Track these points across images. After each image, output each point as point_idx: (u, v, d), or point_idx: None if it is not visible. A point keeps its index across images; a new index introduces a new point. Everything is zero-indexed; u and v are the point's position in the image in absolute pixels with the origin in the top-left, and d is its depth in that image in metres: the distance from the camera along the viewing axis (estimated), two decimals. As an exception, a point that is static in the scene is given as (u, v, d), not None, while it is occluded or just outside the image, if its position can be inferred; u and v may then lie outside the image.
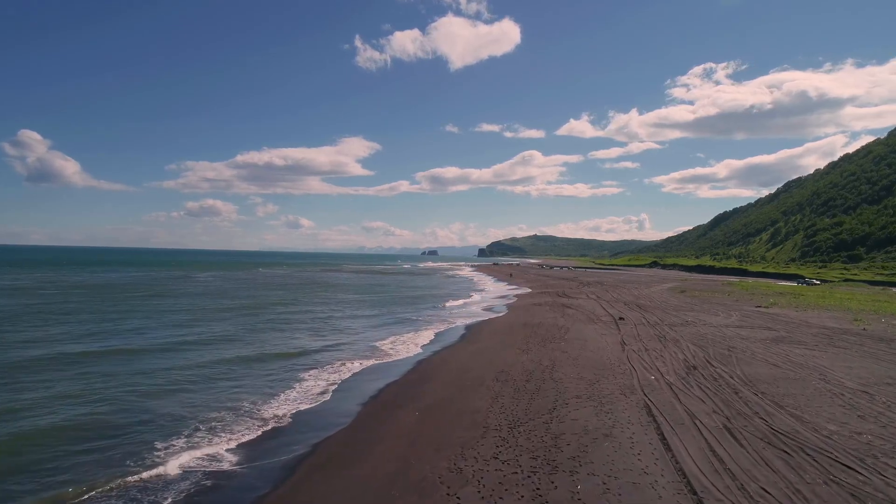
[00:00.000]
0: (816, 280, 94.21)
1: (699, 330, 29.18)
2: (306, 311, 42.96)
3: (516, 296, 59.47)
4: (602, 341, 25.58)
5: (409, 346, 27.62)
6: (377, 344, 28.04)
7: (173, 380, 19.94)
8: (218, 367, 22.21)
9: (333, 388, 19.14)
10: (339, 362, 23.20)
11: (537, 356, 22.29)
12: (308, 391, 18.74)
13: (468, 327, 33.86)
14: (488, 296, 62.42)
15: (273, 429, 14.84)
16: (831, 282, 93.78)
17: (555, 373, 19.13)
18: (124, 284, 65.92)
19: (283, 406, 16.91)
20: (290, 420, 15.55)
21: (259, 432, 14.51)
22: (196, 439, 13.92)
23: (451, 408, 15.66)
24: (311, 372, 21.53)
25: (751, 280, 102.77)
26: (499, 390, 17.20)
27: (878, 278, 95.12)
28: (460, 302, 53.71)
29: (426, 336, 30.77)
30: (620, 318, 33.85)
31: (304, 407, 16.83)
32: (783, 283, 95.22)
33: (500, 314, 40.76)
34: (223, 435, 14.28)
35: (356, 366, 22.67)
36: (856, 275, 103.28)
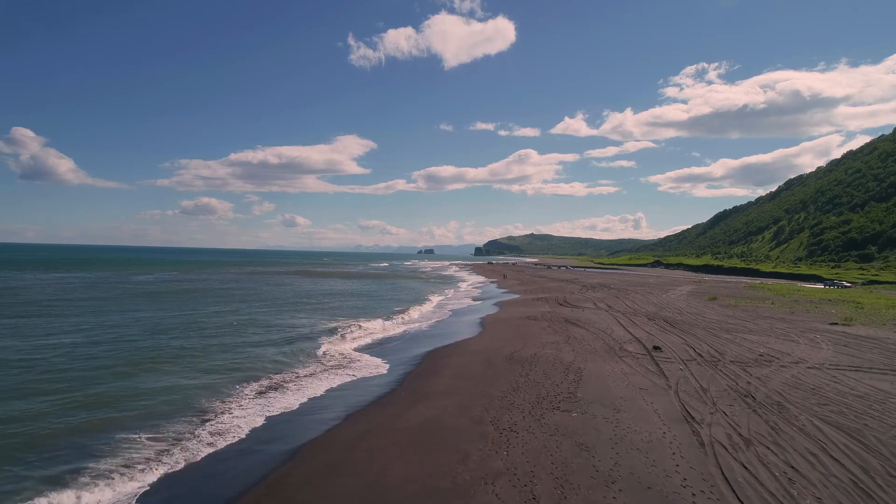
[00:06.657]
0: (847, 282, 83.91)
1: (795, 375, 17.48)
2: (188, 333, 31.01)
3: (506, 303, 47.50)
4: (645, 408, 13.82)
5: (297, 403, 15.80)
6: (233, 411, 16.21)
7: None
8: None
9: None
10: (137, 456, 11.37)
11: (526, 462, 10.56)
12: None
13: (422, 360, 22.00)
14: (470, 303, 50.54)
15: None
16: (855, 283, 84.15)
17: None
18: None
19: None
20: None
21: None
22: None
23: None
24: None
25: (769, 282, 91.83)
26: None
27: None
28: (424, 314, 41.87)
29: (338, 380, 18.92)
30: (655, 348, 22.16)
31: None
32: (804, 284, 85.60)
33: (476, 334, 28.74)
34: None
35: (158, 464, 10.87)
36: (877, 276, 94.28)
